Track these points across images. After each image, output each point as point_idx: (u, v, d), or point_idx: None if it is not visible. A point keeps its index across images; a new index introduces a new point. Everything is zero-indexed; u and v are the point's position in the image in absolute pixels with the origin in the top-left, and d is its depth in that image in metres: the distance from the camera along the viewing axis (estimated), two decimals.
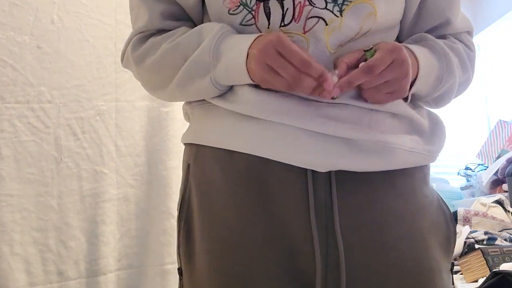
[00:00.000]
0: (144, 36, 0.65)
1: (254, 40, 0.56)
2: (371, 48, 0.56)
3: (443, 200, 0.66)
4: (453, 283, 0.63)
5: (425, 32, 0.67)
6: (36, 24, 1.26)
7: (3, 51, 1.21)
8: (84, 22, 1.32)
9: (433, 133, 0.63)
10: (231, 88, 0.60)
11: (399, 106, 0.60)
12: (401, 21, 0.66)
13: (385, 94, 0.57)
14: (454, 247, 0.65)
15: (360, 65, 0.54)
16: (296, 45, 0.54)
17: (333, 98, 0.56)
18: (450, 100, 0.67)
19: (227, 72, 0.58)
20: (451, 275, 0.63)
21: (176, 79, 0.61)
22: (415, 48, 0.60)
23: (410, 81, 0.57)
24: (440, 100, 0.66)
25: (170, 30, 0.64)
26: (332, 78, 0.54)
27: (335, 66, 0.56)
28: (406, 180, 0.60)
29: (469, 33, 0.71)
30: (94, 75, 1.32)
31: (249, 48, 0.55)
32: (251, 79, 0.57)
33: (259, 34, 0.57)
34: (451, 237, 0.63)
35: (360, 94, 0.58)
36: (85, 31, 1.32)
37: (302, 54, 0.53)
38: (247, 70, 0.56)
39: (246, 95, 0.58)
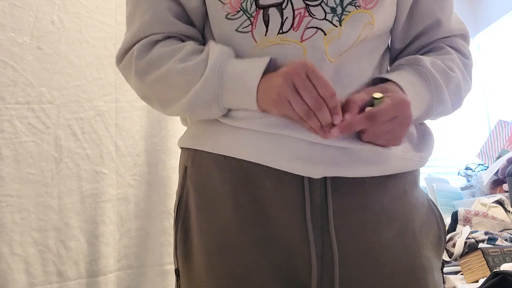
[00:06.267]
0: (150, 42, 0.63)
1: (263, 76, 0.56)
2: (382, 97, 0.56)
3: (432, 201, 0.67)
4: (444, 282, 0.64)
5: (417, 35, 0.67)
6: (36, 25, 1.26)
7: (3, 52, 1.21)
8: (84, 23, 1.33)
9: (422, 140, 0.64)
10: None
11: None
12: (393, 27, 0.67)
13: (381, 140, 0.58)
14: (444, 247, 0.66)
15: (366, 110, 0.55)
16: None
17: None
18: (444, 115, 0.67)
19: (235, 103, 0.59)
20: (441, 275, 0.64)
21: (181, 106, 0.61)
22: (403, 81, 0.60)
23: (407, 131, 0.58)
24: (433, 118, 0.66)
25: (175, 35, 0.63)
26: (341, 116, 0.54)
27: (346, 106, 0.56)
28: (398, 183, 0.61)
29: (463, 37, 0.70)
30: (94, 76, 1.32)
31: (259, 84, 0.56)
32: (260, 107, 0.57)
33: (265, 64, 0.57)
34: (442, 236, 0.65)
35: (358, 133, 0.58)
36: (85, 31, 1.32)
37: (329, 83, 0.53)
38: (257, 100, 0.56)
39: (244, 112, 0.59)
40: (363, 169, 0.58)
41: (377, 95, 0.56)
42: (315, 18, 0.58)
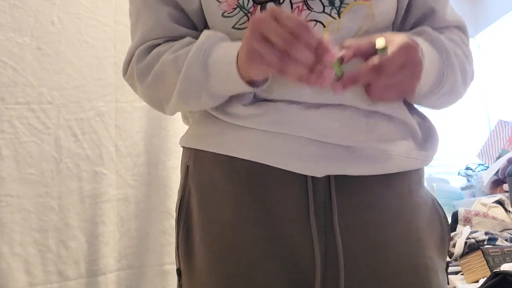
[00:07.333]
0: (150, 46, 0.63)
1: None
2: (385, 46, 0.51)
3: (437, 201, 0.66)
4: (448, 283, 0.63)
5: (412, 25, 0.66)
6: (36, 25, 1.26)
7: (3, 52, 1.21)
8: (84, 24, 1.33)
9: (426, 139, 0.63)
10: (229, 100, 0.60)
11: (395, 109, 0.60)
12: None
13: (391, 94, 0.55)
14: (448, 247, 0.65)
15: (370, 61, 0.51)
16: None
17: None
18: (455, 99, 0.64)
19: (222, 86, 0.57)
20: (446, 275, 0.63)
21: (175, 97, 0.59)
22: (419, 41, 0.57)
23: (419, 83, 0.54)
24: (444, 101, 0.63)
25: (176, 39, 0.63)
26: (333, 49, 0.47)
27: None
28: (402, 182, 0.60)
29: (460, 29, 0.68)
30: (93, 76, 1.32)
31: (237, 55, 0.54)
32: (247, 84, 0.55)
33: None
34: (446, 237, 0.64)
35: (365, 90, 0.55)
36: (85, 32, 1.32)
37: (300, 19, 0.48)
38: (240, 74, 0.54)
39: (246, 110, 0.58)
40: (367, 167, 0.57)
41: (380, 42, 0.50)
42: (314, 11, 0.58)
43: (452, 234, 1.37)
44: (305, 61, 0.48)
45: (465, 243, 1.27)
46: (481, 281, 1.09)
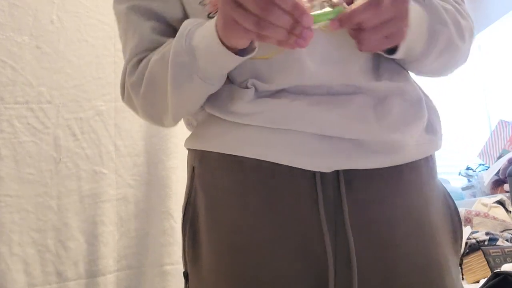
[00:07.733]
0: (137, 60, 0.63)
1: None
2: None
3: (448, 193, 0.64)
4: (463, 278, 0.62)
5: None
6: (35, 24, 1.26)
7: (2, 52, 1.21)
8: (84, 22, 1.32)
9: (431, 121, 0.61)
10: (231, 99, 0.59)
11: (404, 81, 0.59)
12: None
13: (381, 38, 0.52)
14: (461, 242, 0.63)
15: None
16: None
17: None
18: (457, 57, 0.62)
19: (210, 63, 0.55)
20: (460, 271, 0.62)
21: (170, 92, 0.58)
22: None
23: (408, 23, 0.52)
24: (445, 60, 0.61)
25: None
26: (309, 12, 0.45)
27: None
28: (413, 174, 0.59)
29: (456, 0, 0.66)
30: (93, 75, 1.32)
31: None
32: (233, 53, 0.53)
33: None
34: (457, 231, 0.62)
35: (355, 39, 0.53)
36: (84, 31, 1.32)
37: None
38: (221, 41, 0.52)
39: (249, 108, 0.57)
40: (376, 160, 0.56)
41: None
42: None
43: None
44: (283, 25, 0.47)
45: (466, 243, 1.27)
46: (482, 281, 1.08)
